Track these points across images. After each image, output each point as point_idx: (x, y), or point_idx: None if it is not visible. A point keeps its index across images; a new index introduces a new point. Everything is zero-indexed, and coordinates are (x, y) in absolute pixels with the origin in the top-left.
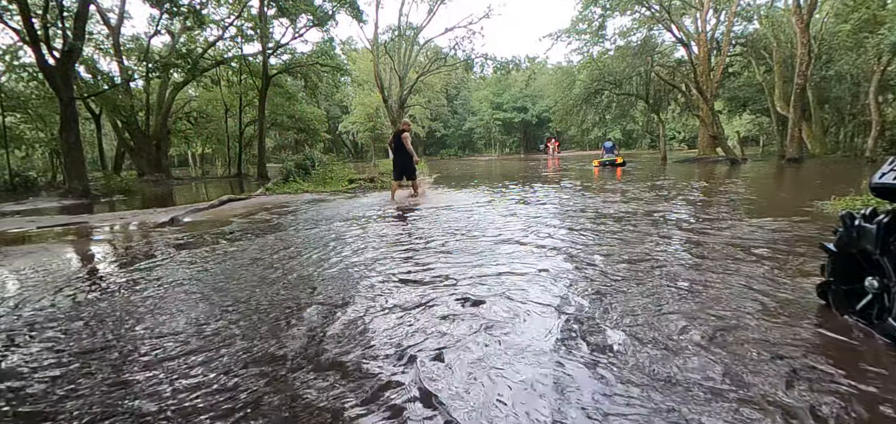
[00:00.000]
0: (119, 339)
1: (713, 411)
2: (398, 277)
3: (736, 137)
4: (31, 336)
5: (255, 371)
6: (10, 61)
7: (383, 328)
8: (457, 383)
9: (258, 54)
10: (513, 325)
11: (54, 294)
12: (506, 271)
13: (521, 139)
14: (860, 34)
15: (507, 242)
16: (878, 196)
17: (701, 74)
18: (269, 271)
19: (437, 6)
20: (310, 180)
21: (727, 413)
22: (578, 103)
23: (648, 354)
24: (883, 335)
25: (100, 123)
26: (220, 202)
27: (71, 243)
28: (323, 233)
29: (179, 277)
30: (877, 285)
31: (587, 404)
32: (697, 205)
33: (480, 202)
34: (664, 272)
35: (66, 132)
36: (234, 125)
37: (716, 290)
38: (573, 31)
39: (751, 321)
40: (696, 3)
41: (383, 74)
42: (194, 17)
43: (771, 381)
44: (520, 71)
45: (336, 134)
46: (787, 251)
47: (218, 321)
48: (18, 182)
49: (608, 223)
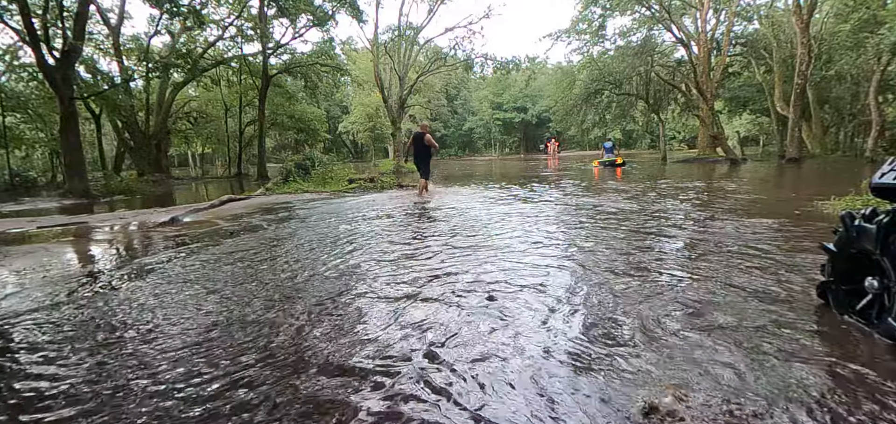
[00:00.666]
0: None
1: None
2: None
3: (736, 137)
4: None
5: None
6: (10, 61)
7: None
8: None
9: (258, 54)
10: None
11: (54, 294)
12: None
13: (521, 139)
14: (860, 34)
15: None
16: (878, 196)
17: (701, 74)
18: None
19: (437, 6)
20: (310, 180)
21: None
22: (578, 103)
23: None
24: (883, 336)
25: (100, 123)
26: (220, 202)
27: (71, 243)
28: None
29: (189, 276)
30: (877, 285)
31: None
32: (698, 205)
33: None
34: (662, 280)
35: (66, 132)
36: (234, 125)
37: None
38: (573, 32)
39: (749, 318)
40: (696, 3)
41: (383, 74)
42: (194, 17)
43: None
44: (520, 71)
45: (336, 134)
46: (786, 251)
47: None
48: (18, 182)
49: (622, 225)
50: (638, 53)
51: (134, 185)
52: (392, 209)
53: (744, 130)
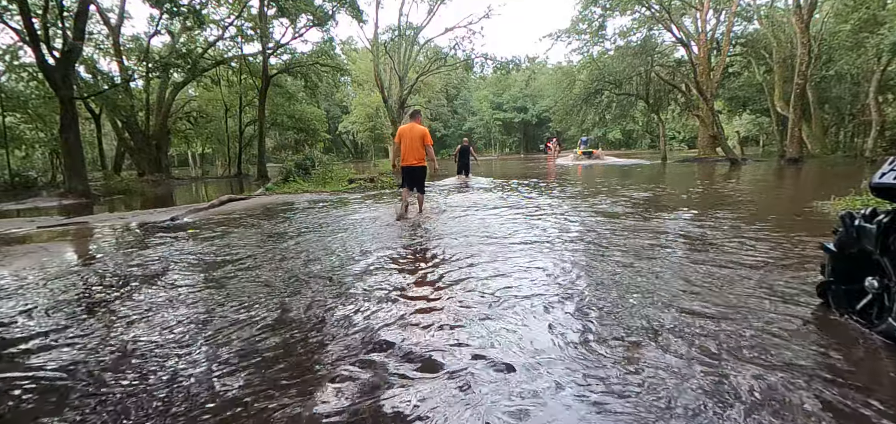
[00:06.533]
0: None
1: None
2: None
3: (736, 137)
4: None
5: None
6: (10, 61)
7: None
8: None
9: (258, 54)
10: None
11: (52, 294)
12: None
13: (521, 139)
14: (860, 34)
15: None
16: (878, 196)
17: (701, 74)
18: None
19: (437, 6)
20: (310, 180)
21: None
22: (578, 103)
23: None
24: (883, 336)
25: (100, 123)
26: (219, 202)
27: (71, 243)
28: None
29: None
30: (877, 285)
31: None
32: (698, 204)
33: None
34: (654, 270)
35: (66, 132)
36: (234, 125)
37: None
38: (573, 32)
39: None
40: (696, 3)
41: (383, 73)
42: (194, 17)
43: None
44: (520, 71)
45: (336, 134)
46: (786, 250)
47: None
48: (18, 182)
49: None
50: (638, 53)
51: (134, 185)
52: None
53: (744, 130)
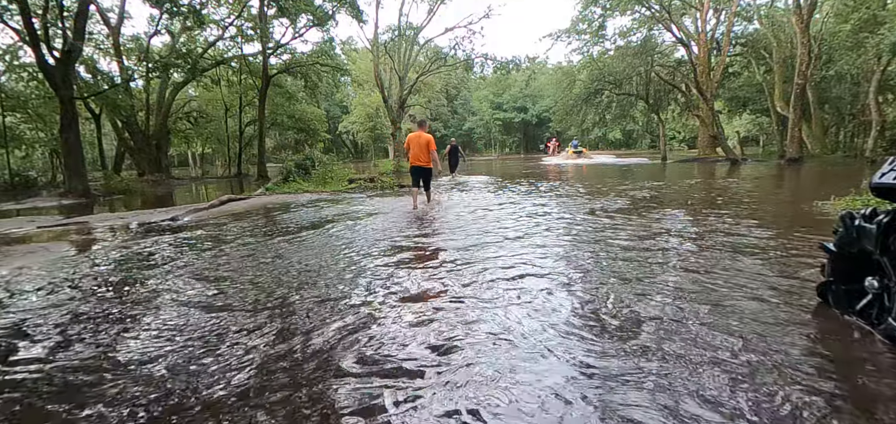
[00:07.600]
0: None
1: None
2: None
3: (736, 137)
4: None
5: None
6: (10, 61)
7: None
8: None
9: (258, 54)
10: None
11: (52, 293)
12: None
13: (521, 139)
14: (860, 34)
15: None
16: (878, 196)
17: (701, 74)
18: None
19: (437, 6)
20: (310, 180)
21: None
22: (578, 103)
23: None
24: (883, 336)
25: (100, 123)
26: (219, 202)
27: (71, 243)
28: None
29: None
30: (877, 285)
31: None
32: (698, 204)
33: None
34: (661, 277)
35: (66, 132)
36: (234, 125)
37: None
38: (573, 32)
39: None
40: (696, 3)
41: (383, 74)
42: (194, 17)
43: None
44: (520, 71)
45: (336, 134)
46: (785, 250)
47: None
48: (18, 182)
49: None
50: (638, 53)
51: (134, 185)
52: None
53: (744, 130)
